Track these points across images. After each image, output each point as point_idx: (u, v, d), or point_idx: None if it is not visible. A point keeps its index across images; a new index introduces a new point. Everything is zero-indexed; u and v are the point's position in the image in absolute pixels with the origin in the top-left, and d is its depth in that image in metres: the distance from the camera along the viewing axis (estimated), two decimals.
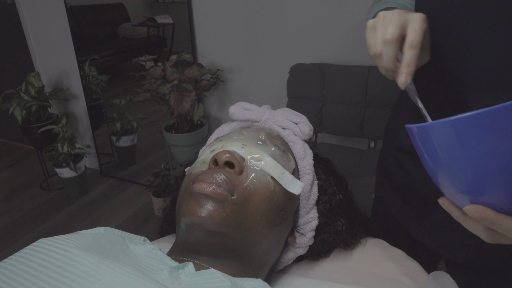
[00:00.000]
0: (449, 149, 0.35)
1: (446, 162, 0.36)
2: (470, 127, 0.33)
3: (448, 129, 0.34)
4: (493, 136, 0.32)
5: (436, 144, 0.36)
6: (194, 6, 1.88)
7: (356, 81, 1.53)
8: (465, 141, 0.34)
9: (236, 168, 0.57)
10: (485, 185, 0.35)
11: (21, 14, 2.39)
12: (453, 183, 0.37)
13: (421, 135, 0.37)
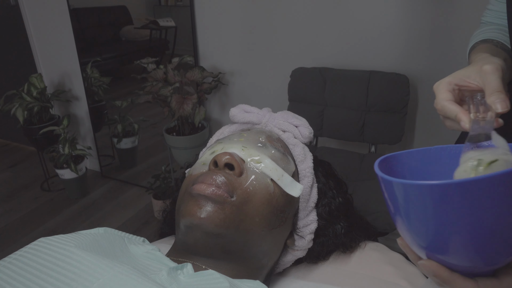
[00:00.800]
0: (412, 209, 0.35)
1: (407, 219, 0.36)
2: (433, 195, 0.33)
3: (411, 190, 0.34)
4: (451, 207, 0.32)
5: (399, 199, 0.36)
6: (197, 9, 1.89)
7: (357, 86, 1.54)
8: (428, 206, 0.34)
9: (236, 170, 0.57)
10: (443, 247, 0.35)
11: (24, 15, 2.40)
12: (412, 236, 0.37)
13: (387, 186, 0.37)
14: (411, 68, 1.53)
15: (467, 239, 0.34)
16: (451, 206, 0.32)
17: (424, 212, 0.34)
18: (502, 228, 0.33)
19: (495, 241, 0.34)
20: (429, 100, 1.57)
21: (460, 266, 0.37)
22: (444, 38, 1.45)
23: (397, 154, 0.44)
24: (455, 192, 0.31)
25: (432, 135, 1.62)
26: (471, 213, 0.32)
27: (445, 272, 0.37)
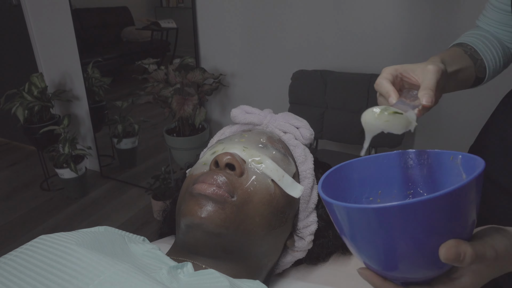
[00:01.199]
0: (346, 226, 0.38)
1: (345, 234, 0.39)
2: (366, 217, 0.35)
3: (343, 211, 0.37)
4: (382, 228, 0.35)
5: (339, 218, 0.38)
6: (199, 11, 1.89)
7: (357, 88, 1.54)
8: (357, 224, 0.36)
9: (237, 170, 0.57)
10: (372, 259, 0.39)
11: (26, 15, 2.41)
12: (352, 248, 0.40)
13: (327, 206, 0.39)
14: None
15: (399, 256, 0.36)
16: (363, 225, 0.35)
17: (358, 230, 0.37)
18: (411, 249, 0.35)
19: (410, 259, 0.36)
20: None
21: (393, 276, 0.40)
22: (444, 42, 1.46)
23: (349, 163, 0.47)
24: (369, 214, 0.34)
25: (432, 138, 1.62)
26: (403, 231, 0.34)
27: (378, 281, 0.40)
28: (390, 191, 0.48)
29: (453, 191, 0.32)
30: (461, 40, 0.74)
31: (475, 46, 0.72)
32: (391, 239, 0.35)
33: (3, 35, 2.65)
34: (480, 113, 1.49)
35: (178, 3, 2.13)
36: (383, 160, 0.47)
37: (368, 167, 0.47)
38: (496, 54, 0.73)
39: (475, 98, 1.48)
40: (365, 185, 0.47)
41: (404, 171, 0.47)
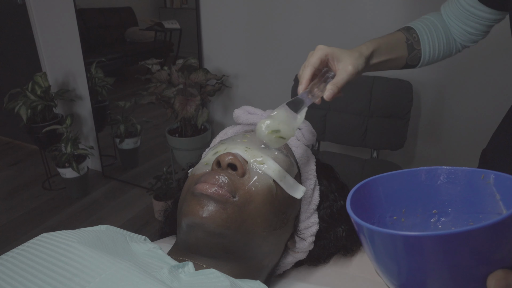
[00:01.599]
0: (381, 252, 0.36)
1: (377, 259, 0.37)
2: (401, 245, 0.33)
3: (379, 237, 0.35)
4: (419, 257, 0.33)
5: (369, 243, 0.37)
6: (202, 12, 1.90)
7: (360, 91, 1.54)
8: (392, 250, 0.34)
9: (238, 170, 0.57)
10: None
11: (31, 14, 2.42)
12: (384, 274, 0.38)
13: (357, 228, 0.38)
14: (414, 75, 1.53)
15: (443, 284, 0.34)
16: (422, 255, 0.33)
17: (393, 256, 0.35)
18: (449, 280, 0.33)
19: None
20: (432, 107, 1.57)
21: None
22: None
23: (375, 179, 0.45)
24: (426, 243, 0.32)
25: (435, 141, 1.62)
26: (445, 261, 0.32)
27: None
28: (414, 210, 0.46)
29: (506, 219, 0.30)
30: (413, 25, 0.80)
31: (421, 35, 0.79)
32: (429, 267, 0.33)
33: (8, 34, 2.66)
34: (484, 114, 1.49)
35: (182, 4, 2.13)
36: (408, 177, 0.45)
37: (392, 184, 0.45)
38: (437, 47, 0.81)
39: (480, 100, 1.48)
40: (389, 202, 0.45)
41: (430, 189, 0.45)
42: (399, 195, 0.45)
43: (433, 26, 0.80)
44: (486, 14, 0.75)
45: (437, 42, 0.80)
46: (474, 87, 1.47)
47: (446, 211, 0.45)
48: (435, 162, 1.65)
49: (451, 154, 1.60)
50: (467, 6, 0.76)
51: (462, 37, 0.81)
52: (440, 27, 0.80)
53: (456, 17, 0.79)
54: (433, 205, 0.45)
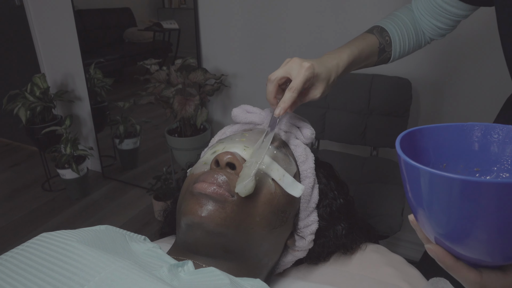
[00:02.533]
0: (435, 198, 0.35)
1: (427, 206, 0.36)
2: (461, 190, 0.32)
3: (438, 181, 0.33)
4: (478, 203, 0.32)
5: (423, 186, 0.35)
6: (201, 12, 1.90)
7: (359, 89, 1.54)
8: (454, 199, 0.33)
9: (237, 169, 0.57)
10: (459, 237, 0.35)
11: (29, 15, 2.41)
12: (429, 222, 0.37)
13: (409, 170, 0.36)
14: (413, 72, 1.54)
15: (489, 237, 0.33)
16: (479, 203, 0.32)
17: (448, 203, 0.33)
18: (501, 231, 0.32)
19: (495, 242, 0.34)
20: (432, 105, 1.57)
21: (467, 257, 0.37)
22: (446, 42, 1.45)
23: (422, 129, 0.43)
24: (486, 190, 0.31)
25: None
26: (498, 212, 0.31)
27: (450, 260, 0.37)
28: (455, 166, 0.43)
29: None
30: (385, 26, 0.81)
31: (393, 37, 0.81)
32: (481, 217, 0.32)
33: (6, 35, 2.66)
34: (483, 112, 1.49)
35: (180, 4, 2.13)
36: (454, 131, 0.43)
37: (436, 137, 0.43)
38: (407, 45, 0.83)
39: (478, 97, 1.48)
40: (430, 155, 0.43)
41: (476, 146, 0.43)
42: (442, 148, 0.43)
43: (404, 25, 0.82)
44: (459, 10, 0.78)
45: (407, 40, 0.83)
46: (472, 85, 1.47)
47: (490, 169, 0.43)
48: None
49: None
50: (440, 2, 0.78)
51: (432, 32, 0.84)
52: (410, 24, 0.83)
53: (428, 13, 0.81)
54: (476, 162, 0.43)
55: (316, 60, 0.67)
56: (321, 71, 0.66)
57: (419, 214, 0.38)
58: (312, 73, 0.64)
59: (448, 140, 0.43)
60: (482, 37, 1.39)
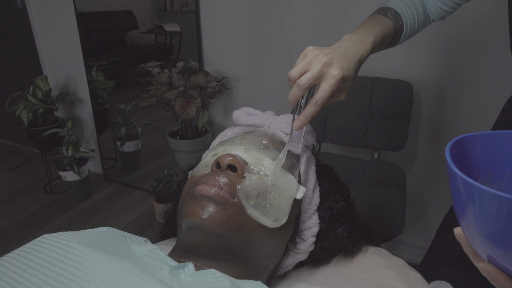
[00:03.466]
0: (489, 215, 0.32)
1: (481, 222, 0.33)
2: None
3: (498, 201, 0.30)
4: None
5: (477, 203, 0.33)
6: (202, 15, 1.90)
7: (361, 92, 1.54)
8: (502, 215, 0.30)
9: (238, 171, 0.57)
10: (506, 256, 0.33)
11: (31, 18, 2.43)
12: (481, 238, 0.34)
13: (462, 185, 0.34)
14: (414, 75, 1.54)
15: None
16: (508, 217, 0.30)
17: (503, 221, 0.31)
18: None
19: None
20: (433, 107, 1.57)
21: None
22: (447, 45, 1.46)
23: (469, 136, 0.41)
24: None
25: (436, 142, 1.62)
26: None
27: (505, 280, 0.35)
28: (502, 175, 0.41)
29: None
30: (399, 10, 0.77)
31: (405, 22, 0.77)
32: None
33: (9, 38, 2.67)
34: (485, 114, 1.49)
35: (182, 7, 2.13)
36: (501, 139, 0.40)
37: (482, 144, 0.41)
38: (416, 30, 0.81)
39: (480, 100, 1.48)
40: (477, 163, 0.41)
41: None
42: (490, 156, 0.41)
43: (415, 8, 0.79)
44: None
45: (416, 24, 0.80)
46: (474, 87, 1.47)
47: None
48: (436, 162, 1.64)
49: None
50: None
51: (436, 14, 0.82)
52: (420, 7, 0.80)
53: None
54: None
55: (343, 56, 0.61)
56: (349, 73, 0.61)
57: (469, 230, 0.35)
58: (342, 83, 0.59)
59: (495, 147, 0.41)
60: (483, 40, 1.40)
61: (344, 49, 0.62)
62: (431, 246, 0.92)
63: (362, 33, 0.68)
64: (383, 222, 1.23)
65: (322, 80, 0.58)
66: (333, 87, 0.58)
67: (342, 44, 0.63)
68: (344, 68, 0.59)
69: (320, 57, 0.58)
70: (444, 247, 0.85)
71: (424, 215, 1.77)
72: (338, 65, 0.59)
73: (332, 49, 0.61)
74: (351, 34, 0.67)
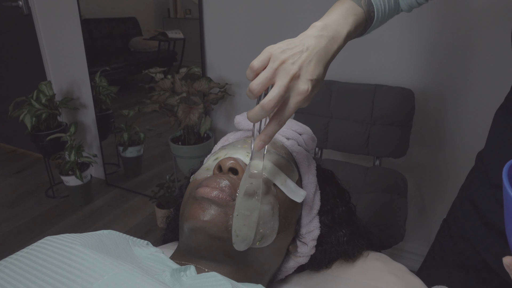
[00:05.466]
0: None
1: None
2: None
3: None
4: None
5: None
6: (206, 22, 1.92)
7: (362, 99, 1.55)
8: None
9: (240, 175, 0.58)
10: None
11: (36, 24, 2.45)
12: None
13: None
14: (416, 83, 1.54)
15: None
16: None
17: None
18: None
19: None
20: (435, 115, 1.57)
21: None
22: (449, 53, 1.46)
23: None
24: None
25: (437, 149, 1.62)
26: None
27: None
28: None
29: None
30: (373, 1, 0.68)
31: (376, 15, 0.69)
32: None
33: (14, 43, 2.69)
34: (487, 121, 1.49)
35: (185, 14, 2.16)
36: None
37: None
38: (382, 22, 0.73)
39: (482, 107, 1.48)
40: None
41: None
42: None
43: (388, 2, 0.71)
44: None
45: (386, 17, 0.72)
46: (476, 95, 1.47)
47: None
48: (438, 170, 1.64)
49: (454, 161, 1.60)
50: None
51: (408, 6, 0.75)
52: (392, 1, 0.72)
53: None
54: None
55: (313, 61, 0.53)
56: (319, 81, 0.54)
57: None
58: (309, 96, 0.53)
59: None
60: (484, 48, 1.40)
61: (314, 50, 0.53)
62: (430, 250, 0.92)
63: (336, 26, 0.59)
64: (384, 229, 1.23)
65: (289, 96, 0.51)
66: (300, 104, 0.52)
67: (312, 43, 0.54)
68: (314, 78, 0.52)
69: (287, 67, 0.50)
70: (442, 251, 0.85)
71: (425, 222, 1.77)
72: (307, 76, 0.51)
73: (300, 49, 0.52)
74: (322, 27, 0.58)
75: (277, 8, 1.71)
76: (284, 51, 0.52)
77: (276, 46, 0.53)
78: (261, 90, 0.50)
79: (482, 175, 0.76)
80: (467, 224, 0.78)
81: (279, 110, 0.52)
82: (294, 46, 0.53)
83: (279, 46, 0.53)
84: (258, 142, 0.52)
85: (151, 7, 2.28)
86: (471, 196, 0.79)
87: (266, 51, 0.53)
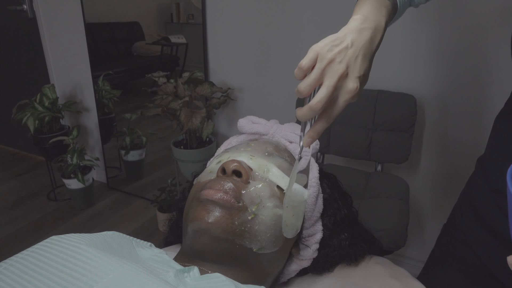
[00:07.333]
0: None
1: None
2: None
3: None
4: None
5: None
6: (209, 27, 1.93)
7: (364, 104, 1.55)
8: None
9: (243, 177, 0.58)
10: None
11: (41, 28, 2.47)
12: None
13: None
14: (418, 88, 1.55)
15: None
16: None
17: None
18: None
19: None
20: (437, 121, 1.58)
21: None
22: (451, 59, 1.47)
23: None
24: None
25: (439, 155, 1.62)
26: None
27: None
28: None
29: None
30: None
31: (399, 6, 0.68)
32: None
33: (18, 46, 2.71)
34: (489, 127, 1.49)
35: (188, 19, 2.17)
36: None
37: None
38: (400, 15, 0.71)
39: (484, 113, 1.48)
40: None
41: None
42: None
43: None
44: None
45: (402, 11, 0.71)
46: (478, 100, 1.48)
47: None
48: (440, 175, 1.64)
49: (456, 167, 1.60)
50: None
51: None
52: None
53: None
54: None
55: (360, 56, 0.52)
56: (366, 77, 0.54)
57: None
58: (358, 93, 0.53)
59: None
60: (487, 53, 1.41)
61: (359, 44, 0.53)
62: (430, 255, 0.92)
63: (374, 17, 0.58)
64: (385, 234, 1.23)
65: (337, 94, 0.52)
66: (348, 102, 0.53)
67: (356, 37, 0.54)
68: (362, 75, 0.52)
69: (335, 66, 0.51)
70: (442, 256, 0.85)
71: (427, 228, 1.77)
72: (354, 73, 0.52)
73: (346, 45, 0.52)
74: (363, 19, 0.57)
75: (281, 13, 1.72)
76: (331, 48, 0.52)
77: (322, 43, 0.53)
78: (309, 91, 0.51)
79: (482, 180, 0.76)
80: (467, 229, 0.78)
81: (327, 108, 0.53)
82: (340, 42, 0.53)
83: (325, 44, 0.53)
84: (307, 139, 0.53)
85: (154, 12, 2.30)
86: (472, 201, 0.79)
87: (312, 50, 0.53)
